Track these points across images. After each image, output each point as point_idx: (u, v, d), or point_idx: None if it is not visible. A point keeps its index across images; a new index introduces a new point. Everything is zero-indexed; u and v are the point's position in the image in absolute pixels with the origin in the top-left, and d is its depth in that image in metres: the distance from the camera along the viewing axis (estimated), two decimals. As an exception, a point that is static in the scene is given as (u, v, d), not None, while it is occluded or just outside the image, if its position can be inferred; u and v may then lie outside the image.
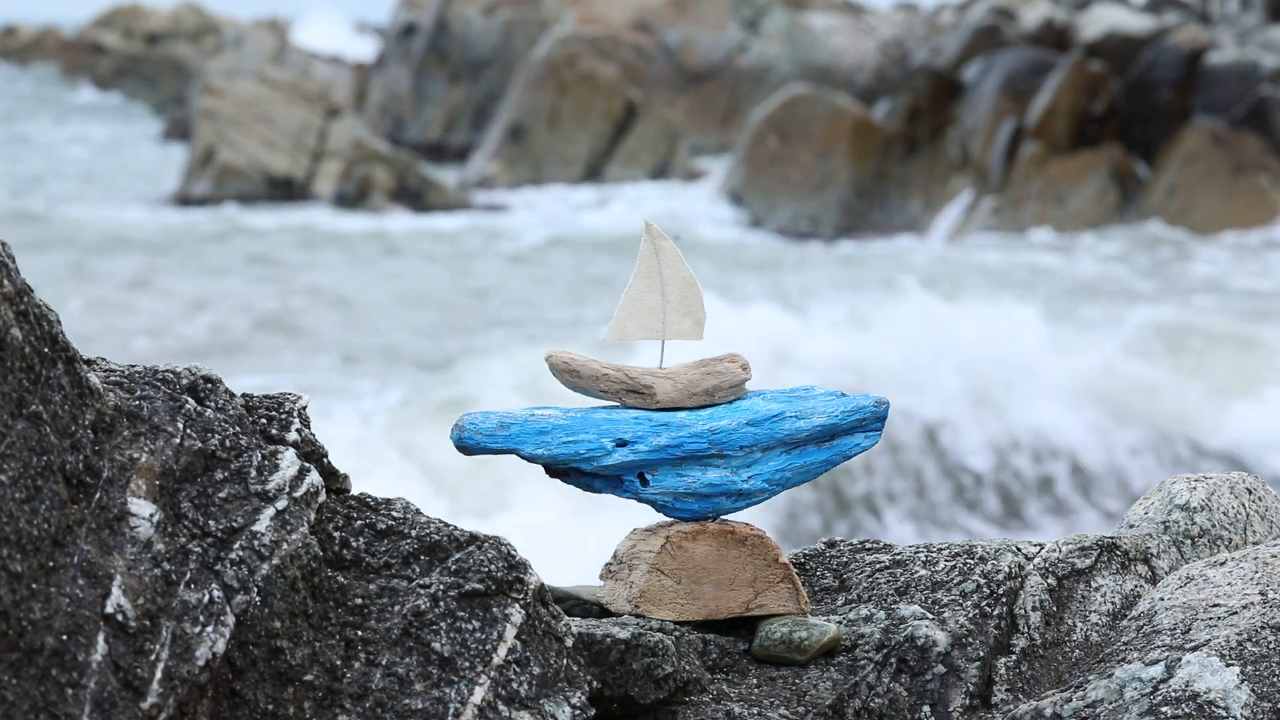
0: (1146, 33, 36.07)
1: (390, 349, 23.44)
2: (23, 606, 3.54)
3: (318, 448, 4.00)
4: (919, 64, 39.38)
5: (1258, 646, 4.09)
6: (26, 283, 3.75)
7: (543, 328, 24.53)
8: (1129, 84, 34.51)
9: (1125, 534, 4.59)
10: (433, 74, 50.05)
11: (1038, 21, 38.40)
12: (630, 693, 4.03)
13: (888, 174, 35.25)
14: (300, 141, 39.55)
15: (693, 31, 47.60)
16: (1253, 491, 4.68)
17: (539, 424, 4.13)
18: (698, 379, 4.21)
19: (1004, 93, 34.82)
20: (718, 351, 4.27)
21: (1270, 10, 42.38)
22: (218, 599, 3.69)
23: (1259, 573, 4.31)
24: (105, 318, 25.08)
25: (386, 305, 26.73)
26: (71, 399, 3.76)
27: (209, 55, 61.53)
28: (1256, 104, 33.54)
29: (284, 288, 28.17)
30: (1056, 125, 33.67)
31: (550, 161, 41.89)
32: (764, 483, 4.22)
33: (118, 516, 3.72)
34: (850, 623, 4.30)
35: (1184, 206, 32.79)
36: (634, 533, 4.30)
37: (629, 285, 4.20)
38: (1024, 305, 22.35)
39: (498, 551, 3.95)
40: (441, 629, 3.85)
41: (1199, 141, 32.97)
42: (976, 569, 4.38)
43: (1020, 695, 4.20)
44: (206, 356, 22.05)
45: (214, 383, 3.96)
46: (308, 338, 24.37)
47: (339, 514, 3.98)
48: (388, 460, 16.18)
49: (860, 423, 4.28)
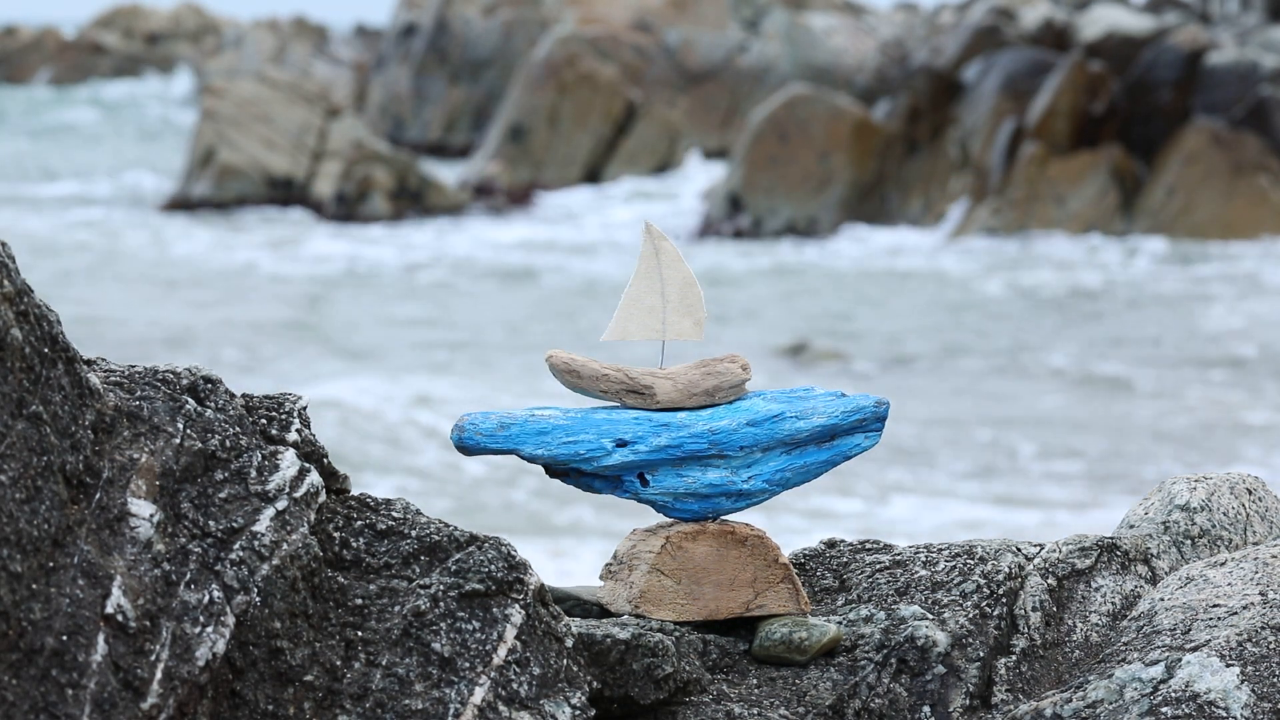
0: (1146, 33, 36.07)
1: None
2: (23, 607, 3.54)
3: (318, 448, 4.00)
4: (919, 64, 39.38)
5: (1258, 647, 4.09)
6: (26, 283, 3.75)
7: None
8: (1129, 84, 34.51)
9: (1125, 534, 4.59)
10: (433, 74, 50.05)
11: (1038, 21, 38.40)
12: (630, 693, 4.03)
13: (888, 174, 35.25)
14: (300, 141, 39.56)
15: (693, 31, 47.58)
16: (1253, 492, 4.68)
17: (539, 424, 4.13)
18: (698, 379, 4.21)
19: (1004, 93, 34.83)
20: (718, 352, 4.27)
21: (1270, 10, 42.38)
22: (218, 599, 3.69)
23: (1259, 573, 4.31)
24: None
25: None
26: (71, 399, 3.76)
27: (209, 55, 61.54)
28: (1256, 104, 33.54)
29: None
30: (1056, 125, 33.67)
31: (550, 162, 41.89)
32: (764, 483, 4.22)
33: (118, 517, 3.72)
34: (850, 623, 4.30)
35: (1184, 207, 32.80)
36: (634, 533, 4.31)
37: (629, 285, 4.20)
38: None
39: (498, 552, 3.95)
40: (441, 629, 3.85)
41: (1199, 142, 32.97)
42: (976, 569, 4.38)
43: (1020, 695, 4.20)
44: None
45: (214, 383, 3.96)
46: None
47: (339, 514, 3.98)
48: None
49: (860, 423, 4.29)
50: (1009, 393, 21.65)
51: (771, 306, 28.25)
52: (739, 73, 47.57)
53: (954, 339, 25.38)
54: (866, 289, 29.75)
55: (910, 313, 27.64)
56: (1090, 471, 17.57)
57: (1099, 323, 26.75)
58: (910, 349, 24.60)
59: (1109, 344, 24.82)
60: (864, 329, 26.23)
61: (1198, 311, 27.29)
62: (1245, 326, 25.98)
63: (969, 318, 27.22)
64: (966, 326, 26.48)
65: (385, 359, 23.18)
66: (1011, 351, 24.37)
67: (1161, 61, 34.71)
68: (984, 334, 25.84)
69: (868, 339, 25.34)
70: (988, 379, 22.64)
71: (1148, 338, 25.32)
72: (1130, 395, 21.46)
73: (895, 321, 26.85)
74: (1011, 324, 26.68)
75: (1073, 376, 22.72)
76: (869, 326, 26.45)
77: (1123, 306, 28.31)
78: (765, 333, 25.49)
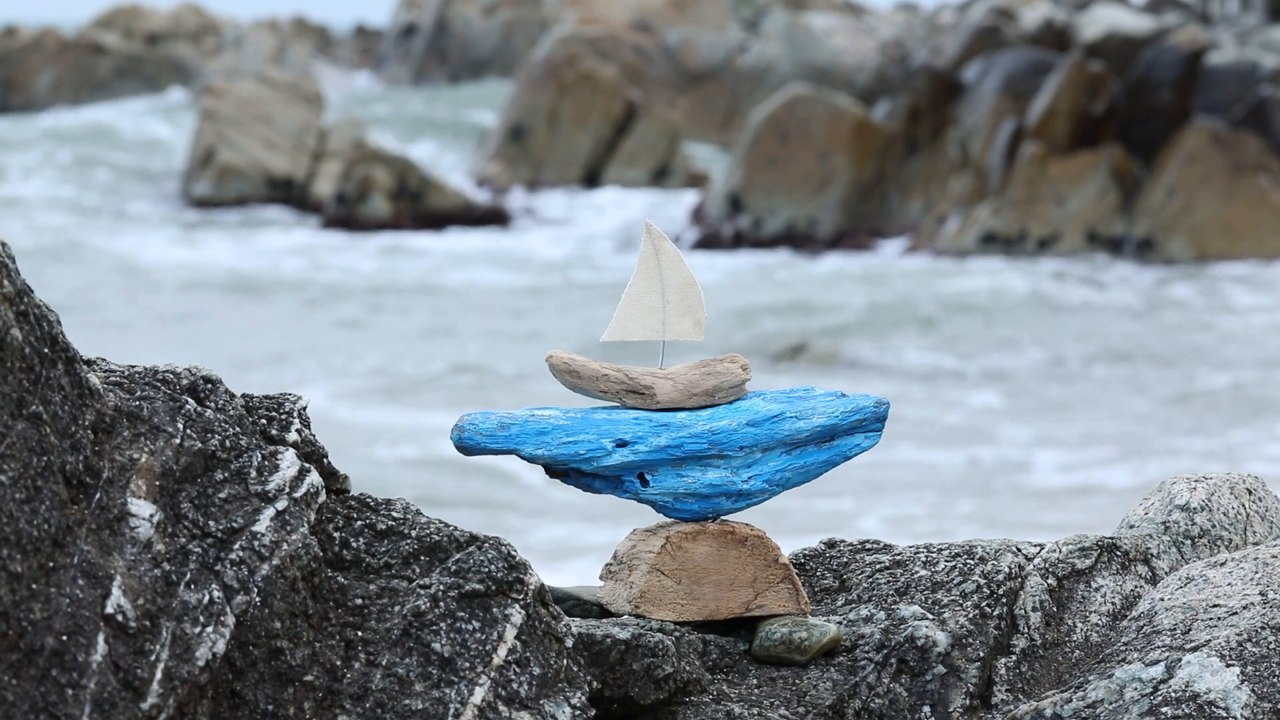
0: (1146, 33, 36.06)
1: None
2: (23, 607, 3.54)
3: (318, 448, 4.00)
4: (919, 64, 39.37)
5: (1258, 647, 4.09)
6: (26, 283, 3.75)
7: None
8: (1129, 84, 34.50)
9: (1125, 534, 4.59)
10: (433, 74, 50.06)
11: (1038, 22, 38.40)
12: (630, 693, 4.03)
13: (888, 174, 35.24)
14: (300, 141, 39.55)
15: (693, 32, 47.59)
16: (1253, 492, 4.68)
17: (539, 424, 4.13)
18: (698, 379, 4.21)
19: (1004, 93, 34.81)
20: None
21: (1270, 10, 42.37)
22: (218, 599, 3.69)
23: (1259, 573, 4.31)
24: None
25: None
26: (71, 399, 3.76)
27: (209, 55, 61.53)
28: (1256, 104, 33.52)
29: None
30: (1056, 125, 33.65)
31: (550, 162, 41.89)
32: (764, 483, 4.22)
33: (118, 517, 3.72)
34: (850, 623, 4.30)
35: (1184, 207, 32.79)
36: (634, 533, 4.30)
37: (629, 285, 4.20)
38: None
39: (498, 552, 3.95)
40: (441, 629, 3.85)
41: (1199, 142, 32.96)
42: (976, 569, 4.38)
43: (1020, 696, 4.20)
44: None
45: (214, 383, 3.96)
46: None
47: (339, 514, 3.98)
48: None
49: (860, 423, 4.29)
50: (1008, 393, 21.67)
51: (771, 306, 28.24)
52: (739, 73, 47.57)
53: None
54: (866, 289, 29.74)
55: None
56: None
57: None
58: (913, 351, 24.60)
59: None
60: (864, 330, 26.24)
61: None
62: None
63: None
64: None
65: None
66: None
67: (1161, 62, 34.70)
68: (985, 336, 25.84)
69: (868, 339, 25.34)
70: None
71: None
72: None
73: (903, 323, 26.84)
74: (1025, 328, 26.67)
75: (1071, 373, 22.73)
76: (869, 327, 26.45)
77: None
78: (765, 333, 25.49)
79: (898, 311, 27.76)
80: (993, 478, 17.29)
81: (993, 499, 16.42)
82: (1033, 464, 17.79)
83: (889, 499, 16.28)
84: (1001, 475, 17.37)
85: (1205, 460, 17.69)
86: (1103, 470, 17.46)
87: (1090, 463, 17.76)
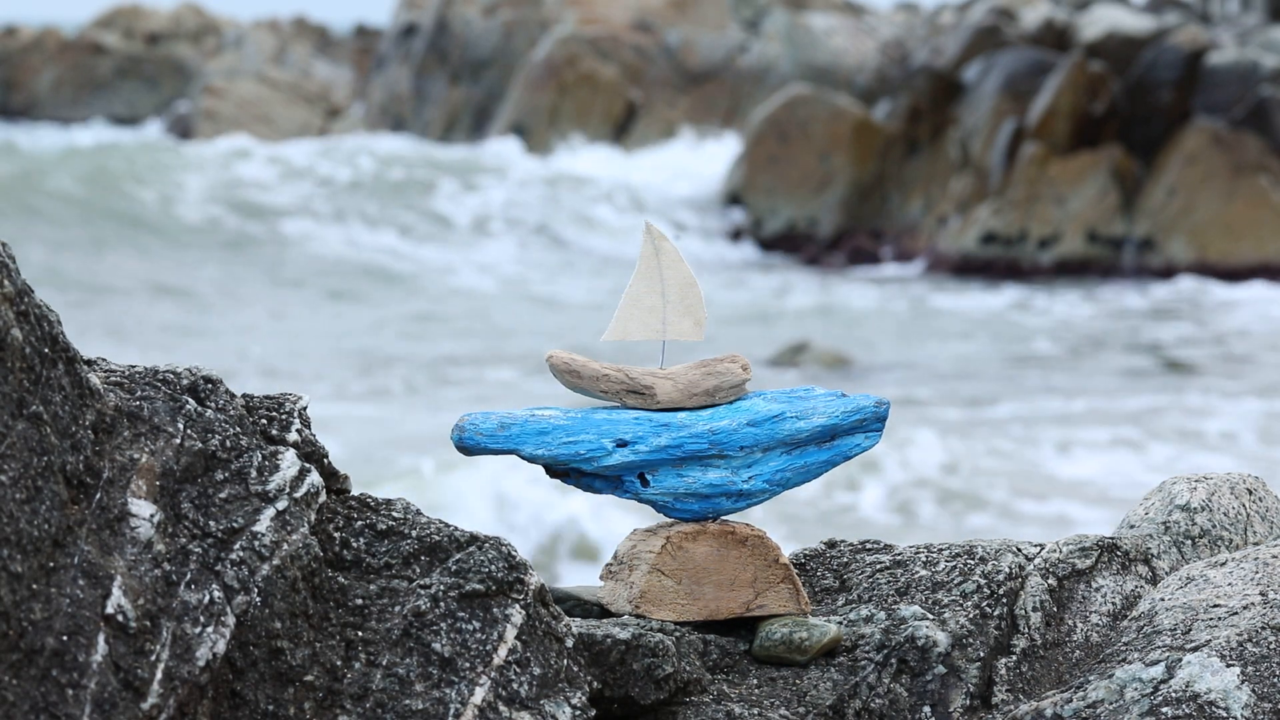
0: (1146, 33, 36.05)
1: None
2: (23, 607, 3.54)
3: (318, 448, 4.00)
4: (919, 64, 39.36)
5: (1258, 647, 4.09)
6: (27, 283, 3.75)
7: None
8: (1129, 84, 34.50)
9: (1126, 534, 4.59)
10: (433, 74, 50.05)
11: (1038, 22, 38.38)
12: (630, 693, 4.03)
13: (888, 174, 35.24)
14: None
15: (693, 32, 47.57)
16: (1253, 492, 4.68)
17: (539, 424, 4.13)
18: (698, 379, 4.21)
19: (1004, 93, 34.81)
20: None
21: (1270, 10, 42.37)
22: (218, 599, 3.69)
23: (1259, 573, 4.31)
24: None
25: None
26: (72, 399, 3.76)
27: (209, 55, 61.53)
28: (1257, 104, 33.51)
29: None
30: (1057, 125, 33.66)
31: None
32: (764, 483, 4.22)
33: (118, 517, 3.72)
34: (850, 623, 4.30)
35: (1184, 207, 32.80)
36: (634, 533, 4.31)
37: (629, 285, 4.20)
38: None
39: (498, 552, 3.95)
40: (442, 629, 3.85)
41: (1199, 142, 32.96)
42: (977, 569, 4.38)
43: (1020, 696, 4.20)
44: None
45: (214, 383, 3.96)
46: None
47: (339, 514, 3.98)
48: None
49: (860, 423, 4.29)
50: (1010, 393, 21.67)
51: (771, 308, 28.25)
52: (739, 73, 47.56)
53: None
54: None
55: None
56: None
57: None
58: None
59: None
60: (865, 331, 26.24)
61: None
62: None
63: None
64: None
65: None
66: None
67: (1162, 62, 34.69)
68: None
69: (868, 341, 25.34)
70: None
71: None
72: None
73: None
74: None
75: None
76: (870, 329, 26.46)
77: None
78: (764, 333, 25.49)
79: (898, 314, 27.75)
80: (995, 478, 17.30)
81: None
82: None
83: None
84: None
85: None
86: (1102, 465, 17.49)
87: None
